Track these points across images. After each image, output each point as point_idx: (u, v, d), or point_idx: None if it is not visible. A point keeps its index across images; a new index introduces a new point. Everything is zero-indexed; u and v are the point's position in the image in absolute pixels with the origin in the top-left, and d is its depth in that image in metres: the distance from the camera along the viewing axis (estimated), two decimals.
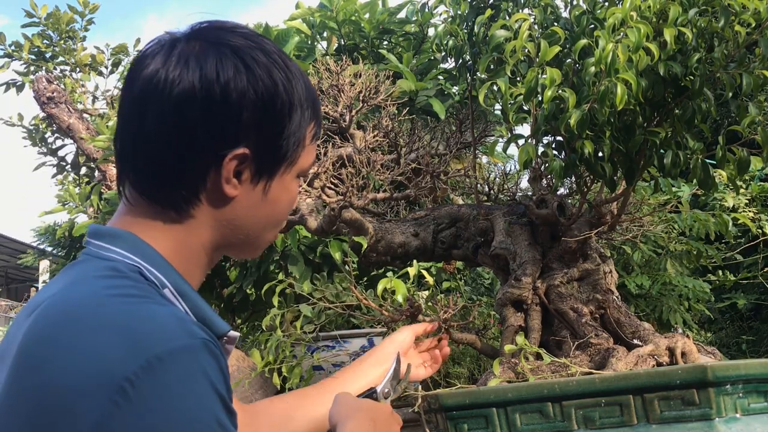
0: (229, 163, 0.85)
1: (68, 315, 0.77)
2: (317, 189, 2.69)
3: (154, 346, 0.73)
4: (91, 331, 0.74)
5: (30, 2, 7.22)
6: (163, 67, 0.84)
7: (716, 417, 1.80)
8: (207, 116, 0.83)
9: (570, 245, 2.52)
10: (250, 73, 0.85)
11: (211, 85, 0.83)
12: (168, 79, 0.83)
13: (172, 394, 0.72)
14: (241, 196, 0.88)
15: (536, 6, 2.46)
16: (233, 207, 0.89)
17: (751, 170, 2.71)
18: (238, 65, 0.85)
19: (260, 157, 0.87)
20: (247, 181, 0.88)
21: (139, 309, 0.77)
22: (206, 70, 0.83)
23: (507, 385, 2.08)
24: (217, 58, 0.84)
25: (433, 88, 4.40)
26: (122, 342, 0.73)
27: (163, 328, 0.75)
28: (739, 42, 2.14)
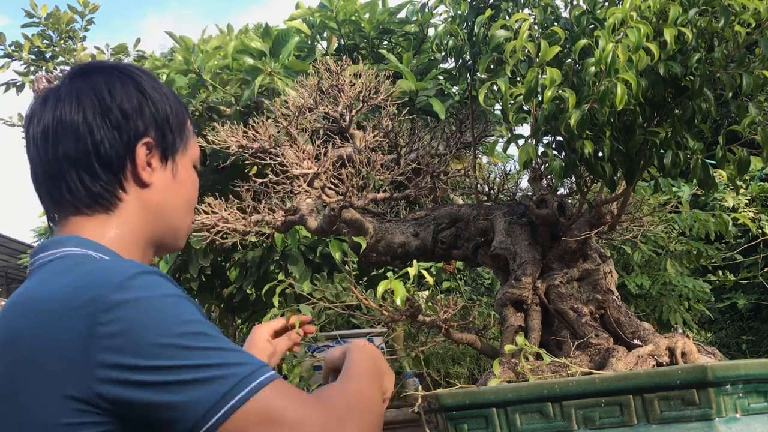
0: (140, 152, 1.05)
1: (35, 295, 0.93)
2: (317, 189, 2.69)
3: (114, 278, 0.88)
4: (63, 291, 0.89)
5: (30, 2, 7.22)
6: (65, 105, 1.04)
7: (716, 417, 1.80)
8: (113, 125, 1.04)
9: (570, 245, 2.52)
10: (136, 87, 1.08)
11: (108, 102, 1.05)
12: (71, 112, 1.03)
13: (141, 302, 0.87)
14: (156, 180, 1.08)
15: (536, 6, 2.46)
16: (152, 192, 1.08)
17: (751, 170, 2.72)
18: (124, 84, 1.08)
19: (161, 145, 1.09)
20: (158, 168, 1.09)
21: (94, 264, 0.95)
22: (101, 95, 1.05)
23: (507, 385, 2.08)
24: (106, 84, 1.06)
25: (433, 88, 4.40)
26: (89, 285, 0.88)
27: (116, 266, 0.92)
28: (739, 42, 2.14)
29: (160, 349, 0.85)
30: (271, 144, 2.85)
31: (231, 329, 5.06)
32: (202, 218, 2.75)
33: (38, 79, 7.07)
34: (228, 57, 4.38)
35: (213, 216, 2.76)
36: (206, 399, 0.85)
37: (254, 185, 2.90)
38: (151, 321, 0.87)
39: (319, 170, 2.71)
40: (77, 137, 1.03)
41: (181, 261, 4.52)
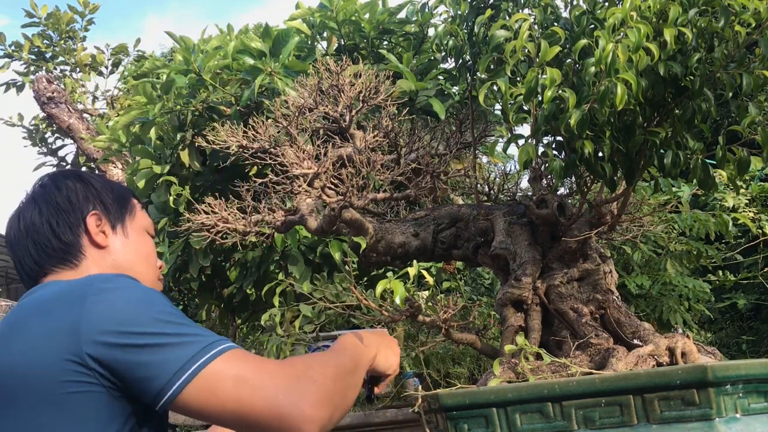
0: (90, 222, 1.34)
1: (46, 291, 1.21)
2: (317, 189, 2.69)
3: (107, 275, 1.17)
4: (68, 284, 1.19)
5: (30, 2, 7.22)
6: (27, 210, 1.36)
7: (716, 417, 1.80)
8: (64, 210, 1.33)
9: (570, 245, 2.52)
10: (78, 180, 1.38)
11: (55, 196, 1.35)
12: (31, 215, 1.34)
13: (124, 288, 1.11)
14: (111, 243, 1.36)
15: (536, 6, 2.46)
16: (111, 252, 1.35)
17: (751, 170, 2.72)
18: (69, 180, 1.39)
19: (108, 215, 1.37)
20: (110, 234, 1.36)
21: (86, 277, 1.20)
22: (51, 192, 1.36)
23: (507, 385, 2.08)
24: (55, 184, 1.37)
25: (433, 88, 4.40)
26: (88, 280, 1.15)
27: (101, 275, 1.21)
28: (739, 42, 2.14)
29: (139, 319, 1.06)
30: (271, 144, 2.85)
31: (231, 329, 5.06)
32: (202, 218, 2.75)
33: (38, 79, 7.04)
34: (228, 57, 4.38)
35: (213, 216, 2.76)
36: (177, 359, 1.03)
37: (254, 185, 2.90)
38: (133, 301, 1.09)
39: (319, 170, 2.71)
40: (38, 229, 1.32)
41: (181, 261, 4.52)
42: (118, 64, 7.76)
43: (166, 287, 4.67)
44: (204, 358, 1.02)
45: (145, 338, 1.03)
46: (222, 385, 1.01)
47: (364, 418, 3.48)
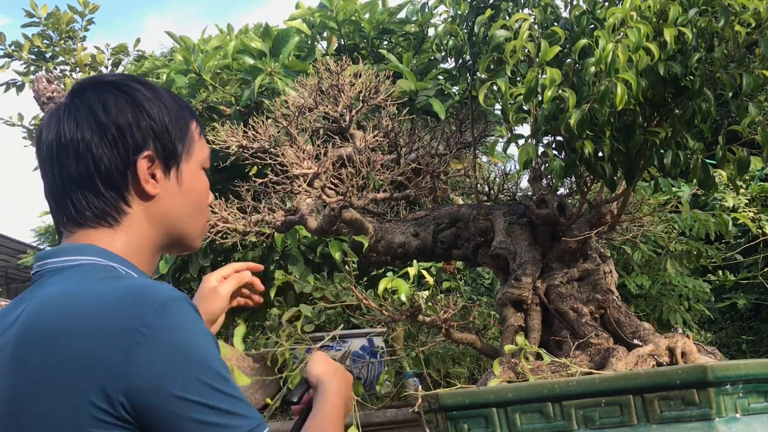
0: (141, 165, 1.06)
1: (70, 310, 0.94)
2: (317, 189, 2.70)
3: (157, 299, 0.93)
4: (99, 307, 0.93)
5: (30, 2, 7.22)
6: (64, 125, 1.06)
7: (716, 417, 1.80)
8: (110, 142, 1.05)
9: (570, 245, 2.52)
10: (130, 102, 1.08)
11: (103, 120, 1.06)
12: (70, 132, 1.06)
13: (182, 329, 0.93)
14: (161, 191, 1.09)
15: (536, 6, 2.46)
16: (159, 203, 1.09)
17: (751, 170, 2.72)
18: (118, 98, 1.08)
19: (163, 155, 1.09)
20: (162, 179, 1.09)
21: (132, 281, 0.99)
22: (96, 112, 1.06)
23: (507, 385, 2.08)
24: (100, 101, 1.07)
25: (433, 88, 4.40)
26: (128, 305, 0.92)
27: (156, 288, 0.95)
28: (739, 42, 2.14)
29: (187, 379, 0.91)
30: (271, 144, 2.85)
31: (231, 329, 5.06)
32: None
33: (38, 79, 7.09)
34: (228, 57, 4.38)
35: (213, 216, 2.76)
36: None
37: (254, 185, 2.90)
38: (188, 354, 0.93)
39: (319, 170, 2.71)
40: (77, 156, 1.05)
41: (181, 261, 4.51)
42: (118, 64, 7.76)
43: None
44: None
45: (194, 409, 0.91)
46: None
47: (364, 418, 3.48)
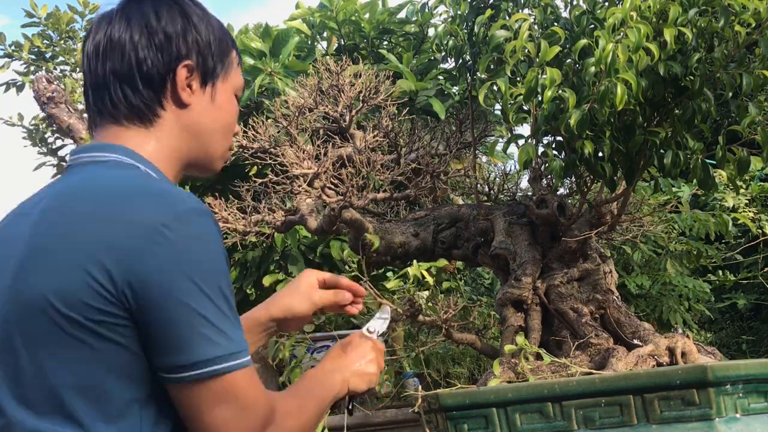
0: (180, 74, 1.12)
1: (97, 187, 1.01)
2: (317, 189, 2.70)
3: (179, 205, 0.97)
4: (124, 193, 0.98)
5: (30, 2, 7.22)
6: (115, 26, 1.12)
7: (716, 417, 1.80)
8: (156, 46, 1.11)
9: (570, 245, 2.52)
10: (181, 14, 1.15)
11: (154, 25, 1.12)
12: (120, 32, 1.11)
13: (200, 241, 0.97)
14: (194, 102, 1.14)
15: (536, 6, 2.46)
16: (190, 112, 1.14)
17: (751, 170, 2.72)
18: (171, 9, 1.15)
19: (202, 69, 1.15)
20: (198, 91, 1.15)
21: (158, 183, 1.04)
22: (148, 18, 1.13)
23: (507, 385, 2.08)
24: (153, 8, 1.14)
25: (433, 88, 4.40)
26: (153, 201, 0.97)
27: (181, 195, 1.00)
28: (739, 42, 2.14)
29: (191, 287, 0.96)
30: (271, 144, 2.85)
31: None
32: None
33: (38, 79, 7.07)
34: None
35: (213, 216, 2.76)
36: (196, 352, 0.96)
37: (254, 185, 2.90)
38: (199, 264, 0.97)
39: (319, 170, 2.72)
40: (123, 54, 1.11)
41: None
42: None
43: None
44: (228, 365, 0.97)
45: (185, 312, 0.95)
46: (223, 397, 0.98)
47: (364, 418, 3.48)
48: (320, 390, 1.21)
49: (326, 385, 1.23)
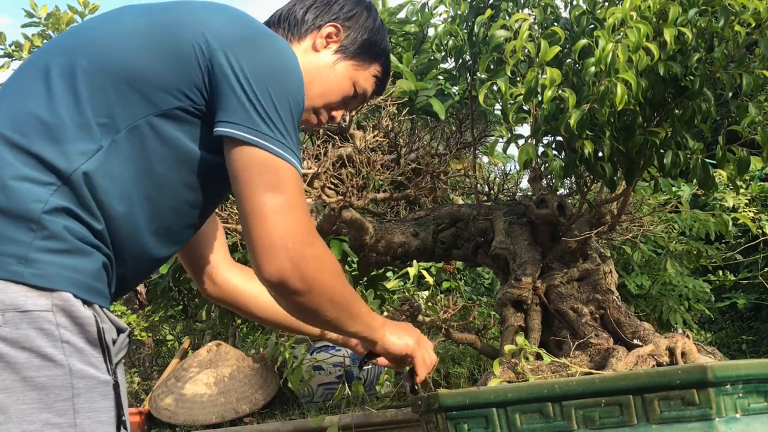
0: (326, 28, 1.37)
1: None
2: (317, 189, 2.70)
3: (275, 38, 1.18)
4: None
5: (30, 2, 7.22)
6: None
7: (716, 417, 1.80)
8: (332, 4, 1.40)
9: (570, 245, 2.52)
10: (362, 5, 1.42)
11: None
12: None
13: (284, 56, 1.15)
14: (322, 54, 1.37)
15: (536, 6, 2.46)
16: (315, 57, 1.37)
17: (751, 170, 2.72)
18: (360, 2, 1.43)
19: (344, 41, 1.38)
20: (331, 49, 1.38)
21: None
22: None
23: (507, 386, 2.08)
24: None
25: (433, 88, 4.40)
26: (252, 22, 1.17)
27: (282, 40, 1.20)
28: (739, 42, 2.14)
29: (265, 88, 1.08)
30: None
31: (231, 329, 5.06)
32: None
33: None
34: None
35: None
36: (250, 125, 1.06)
37: None
38: (281, 72, 1.12)
39: (319, 170, 2.72)
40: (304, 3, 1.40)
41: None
42: None
43: (165, 287, 4.67)
44: (276, 148, 1.07)
45: (254, 100, 1.07)
46: (258, 178, 1.05)
47: (364, 418, 3.48)
48: (360, 303, 1.26)
49: (365, 310, 1.30)
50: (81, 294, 0.97)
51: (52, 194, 0.98)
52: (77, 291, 0.97)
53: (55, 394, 0.93)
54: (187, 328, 6.10)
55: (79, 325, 0.96)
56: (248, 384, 4.26)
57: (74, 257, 0.98)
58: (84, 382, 0.95)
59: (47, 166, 0.99)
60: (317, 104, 1.38)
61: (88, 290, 0.98)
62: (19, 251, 0.93)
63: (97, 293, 1.00)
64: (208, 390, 4.20)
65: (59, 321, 0.93)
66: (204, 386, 4.23)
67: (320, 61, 1.36)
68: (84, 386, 0.95)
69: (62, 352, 0.93)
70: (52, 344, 0.92)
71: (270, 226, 1.04)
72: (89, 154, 1.02)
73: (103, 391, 0.98)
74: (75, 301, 0.96)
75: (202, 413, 4.12)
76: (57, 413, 0.92)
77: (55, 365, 0.92)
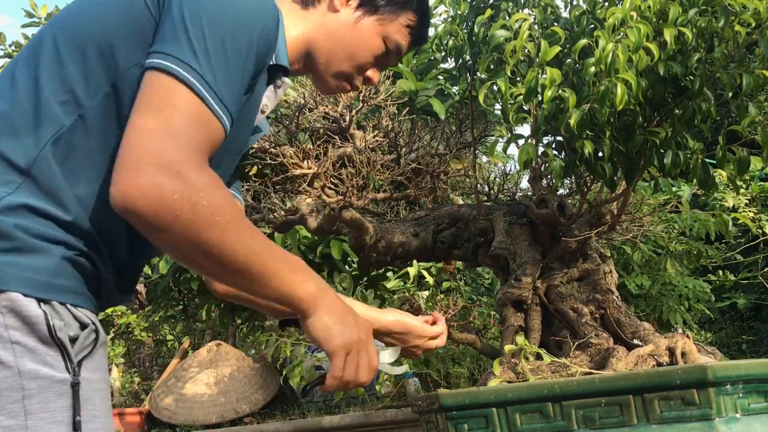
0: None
1: None
2: (317, 189, 2.69)
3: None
4: None
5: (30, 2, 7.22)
6: None
7: (716, 417, 1.80)
8: None
9: (570, 245, 2.52)
10: None
11: None
12: None
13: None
14: (343, 13, 1.26)
15: (536, 6, 2.46)
16: (336, 18, 1.26)
17: (751, 170, 2.72)
18: None
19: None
20: (351, 6, 1.27)
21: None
22: None
23: (507, 386, 2.08)
24: None
25: (433, 88, 4.40)
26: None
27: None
28: (739, 42, 2.14)
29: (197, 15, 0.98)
30: (271, 144, 2.85)
31: (231, 329, 5.06)
32: None
33: None
34: None
35: None
36: (174, 49, 0.96)
37: (254, 185, 2.90)
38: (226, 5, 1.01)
39: (319, 170, 2.71)
40: None
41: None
42: None
43: (165, 287, 4.67)
44: (184, 74, 0.95)
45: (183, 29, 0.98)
46: (159, 92, 0.95)
47: (364, 418, 3.48)
48: (277, 256, 1.01)
49: (289, 265, 1.03)
50: (33, 292, 0.92)
51: (10, 193, 0.94)
52: (28, 290, 0.92)
53: (5, 396, 0.90)
54: (187, 328, 6.10)
55: (29, 324, 0.91)
56: (248, 384, 4.26)
57: (25, 255, 0.93)
58: (36, 383, 0.91)
59: (7, 162, 0.95)
60: (345, 69, 1.29)
61: (42, 287, 0.93)
62: None
63: (57, 289, 0.94)
64: (208, 390, 4.21)
65: (8, 322, 0.90)
66: (204, 386, 4.24)
67: (340, 21, 1.26)
68: (36, 386, 0.91)
69: (12, 353, 0.90)
70: (1, 346, 0.90)
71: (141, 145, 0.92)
72: (49, 138, 0.97)
73: (58, 390, 0.93)
74: (25, 300, 0.91)
75: (202, 413, 4.12)
76: (8, 415, 0.90)
77: (4, 367, 0.90)
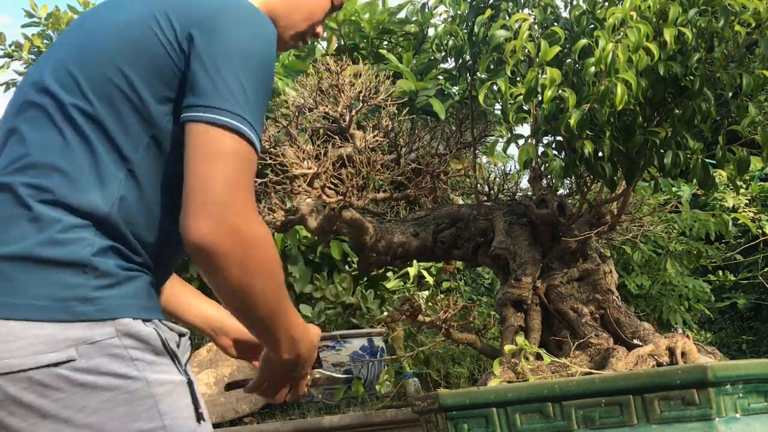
0: None
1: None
2: (317, 189, 2.69)
3: (246, 3, 1.13)
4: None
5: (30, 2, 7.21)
6: None
7: (716, 417, 1.80)
8: None
9: (570, 245, 2.52)
10: None
11: None
12: None
13: (254, 24, 1.10)
14: None
15: (536, 6, 2.46)
16: None
17: (751, 170, 2.72)
18: None
19: None
20: None
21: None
22: None
23: (507, 386, 2.08)
24: None
25: (433, 88, 4.40)
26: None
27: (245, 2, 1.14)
28: (739, 42, 2.14)
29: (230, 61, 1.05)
30: (271, 144, 2.85)
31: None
32: None
33: None
34: None
35: None
36: (217, 99, 1.03)
37: (254, 185, 2.89)
38: (247, 44, 1.07)
39: (319, 170, 2.71)
40: None
41: (181, 262, 4.51)
42: None
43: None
44: (232, 122, 1.02)
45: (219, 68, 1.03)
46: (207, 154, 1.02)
47: (364, 418, 3.48)
48: (287, 302, 1.14)
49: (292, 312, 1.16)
50: (139, 315, 1.05)
51: (94, 236, 1.04)
52: (135, 314, 1.04)
53: (140, 405, 1.01)
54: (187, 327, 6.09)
55: (144, 342, 1.04)
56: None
57: (125, 286, 1.05)
58: (163, 388, 1.04)
59: (82, 214, 1.04)
60: (302, 29, 1.38)
61: (143, 310, 1.06)
62: (80, 293, 1.01)
63: (151, 309, 1.08)
64: (208, 390, 4.21)
65: (125, 343, 1.02)
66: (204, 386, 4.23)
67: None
68: (163, 391, 1.04)
69: (136, 368, 1.02)
70: (125, 364, 1.01)
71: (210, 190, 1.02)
72: (115, 195, 1.06)
73: (182, 391, 1.07)
74: (135, 323, 1.03)
75: None
76: (146, 420, 1.02)
77: (134, 380, 1.01)
